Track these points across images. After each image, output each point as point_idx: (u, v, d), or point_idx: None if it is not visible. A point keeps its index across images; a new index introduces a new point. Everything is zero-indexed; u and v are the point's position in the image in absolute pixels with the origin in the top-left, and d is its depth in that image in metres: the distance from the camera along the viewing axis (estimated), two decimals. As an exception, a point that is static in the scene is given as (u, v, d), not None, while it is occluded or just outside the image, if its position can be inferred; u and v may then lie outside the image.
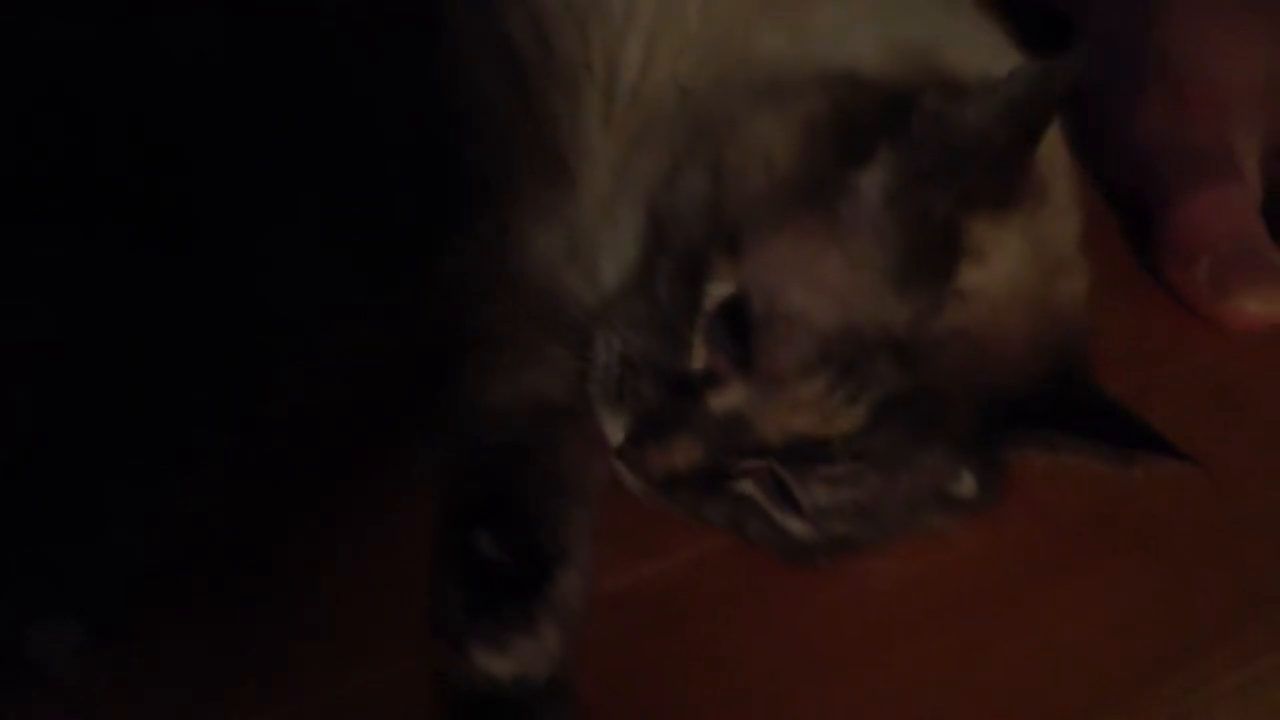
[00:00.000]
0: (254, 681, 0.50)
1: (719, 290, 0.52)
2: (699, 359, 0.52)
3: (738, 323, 0.51)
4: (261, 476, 0.54)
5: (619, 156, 0.58)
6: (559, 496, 0.55)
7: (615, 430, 0.54)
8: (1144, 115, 0.79)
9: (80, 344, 0.53)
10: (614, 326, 0.55)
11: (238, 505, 0.54)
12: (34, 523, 0.48)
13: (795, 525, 0.54)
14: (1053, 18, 0.80)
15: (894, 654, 0.55)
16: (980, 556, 0.57)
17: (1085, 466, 0.54)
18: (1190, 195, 0.75)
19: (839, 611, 0.56)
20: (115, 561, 0.49)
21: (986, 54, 0.57)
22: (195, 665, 0.50)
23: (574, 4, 0.59)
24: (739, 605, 0.56)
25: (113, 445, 0.50)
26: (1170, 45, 0.80)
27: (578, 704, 0.50)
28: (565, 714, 0.50)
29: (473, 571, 0.51)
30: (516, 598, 0.50)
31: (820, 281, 0.51)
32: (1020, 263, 0.53)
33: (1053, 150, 0.57)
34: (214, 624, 0.51)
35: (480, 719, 0.49)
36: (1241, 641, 0.58)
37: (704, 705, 0.53)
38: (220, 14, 0.56)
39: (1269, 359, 0.73)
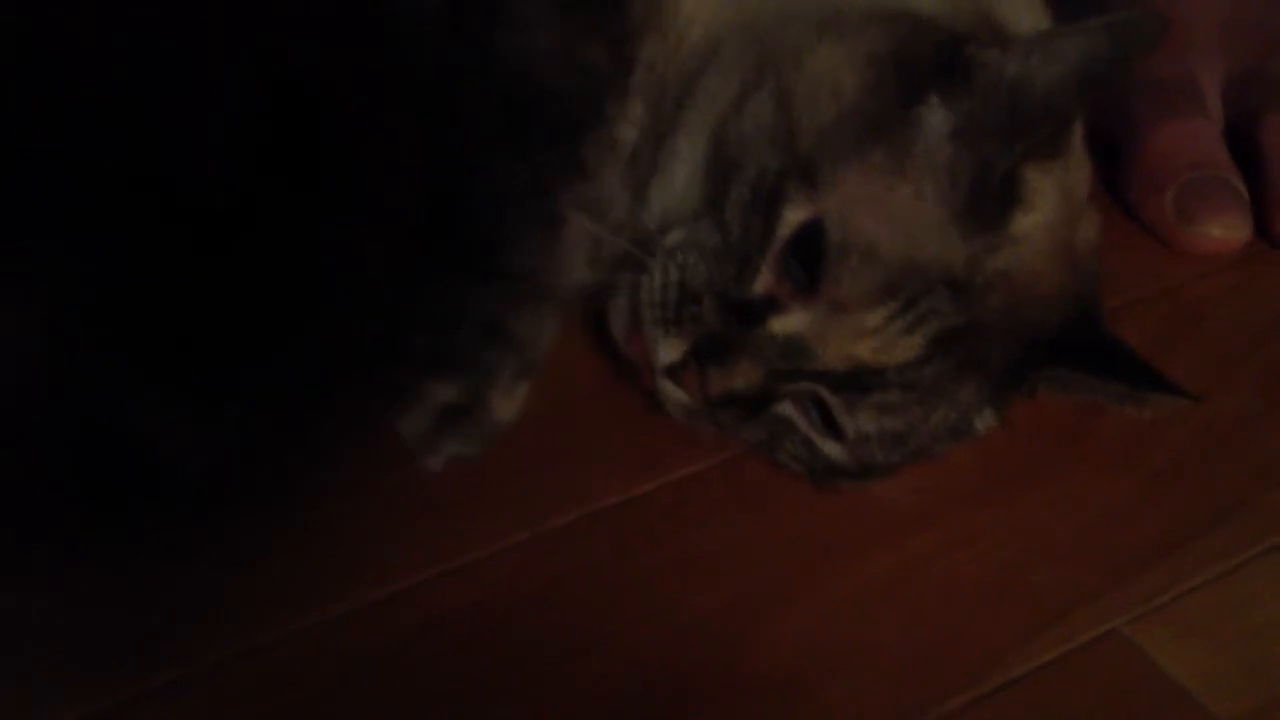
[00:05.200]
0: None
1: (795, 216, 0.53)
2: (762, 284, 0.54)
3: (809, 249, 0.53)
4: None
5: (679, 80, 0.58)
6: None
7: (669, 351, 0.55)
8: None
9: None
10: (672, 253, 0.55)
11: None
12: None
13: (832, 449, 0.56)
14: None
15: (878, 557, 0.58)
16: (959, 469, 0.60)
17: (1095, 402, 0.58)
18: (1157, 128, 0.79)
19: (826, 520, 0.59)
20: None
21: (1027, 8, 0.59)
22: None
23: None
24: (728, 518, 0.59)
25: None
26: None
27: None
28: None
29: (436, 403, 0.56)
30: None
31: (890, 214, 0.52)
32: (1055, 210, 0.55)
33: None
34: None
35: None
36: (1211, 543, 0.61)
37: (700, 609, 0.55)
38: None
39: (1231, 281, 0.76)
